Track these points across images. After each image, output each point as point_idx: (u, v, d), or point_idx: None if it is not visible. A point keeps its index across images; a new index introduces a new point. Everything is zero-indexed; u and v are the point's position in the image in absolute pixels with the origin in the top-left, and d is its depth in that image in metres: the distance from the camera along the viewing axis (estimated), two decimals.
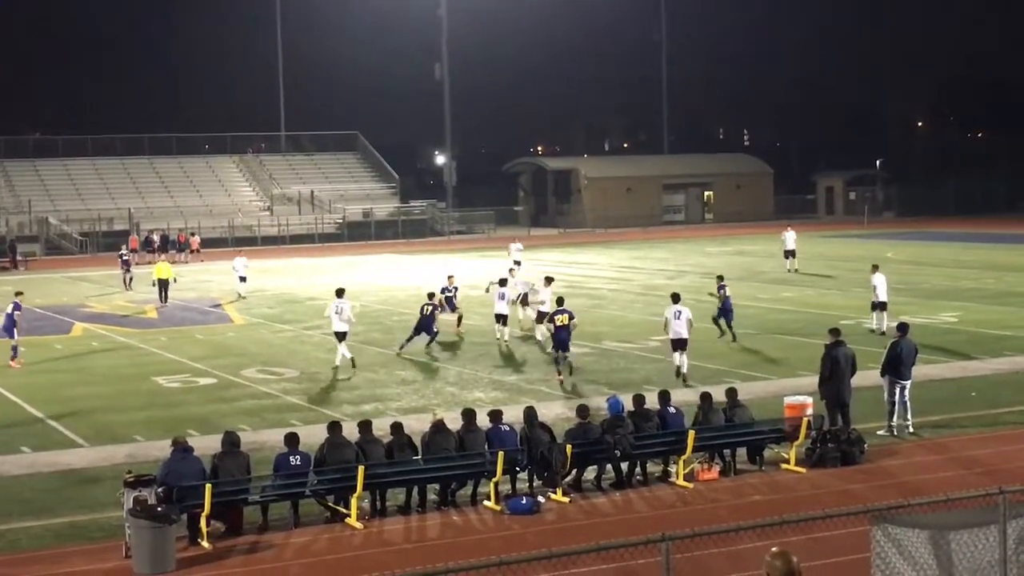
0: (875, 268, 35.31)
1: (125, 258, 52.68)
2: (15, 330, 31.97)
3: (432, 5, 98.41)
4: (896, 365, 21.67)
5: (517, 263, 48.14)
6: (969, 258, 56.25)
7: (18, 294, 33.88)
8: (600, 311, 40.37)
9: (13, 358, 31.71)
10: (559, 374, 27.79)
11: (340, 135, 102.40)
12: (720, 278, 34.53)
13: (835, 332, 21.77)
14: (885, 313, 33.55)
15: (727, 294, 33.18)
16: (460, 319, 35.60)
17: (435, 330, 32.96)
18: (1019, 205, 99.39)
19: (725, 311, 32.95)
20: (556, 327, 28.04)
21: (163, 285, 45.26)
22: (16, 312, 32.21)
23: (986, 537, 11.37)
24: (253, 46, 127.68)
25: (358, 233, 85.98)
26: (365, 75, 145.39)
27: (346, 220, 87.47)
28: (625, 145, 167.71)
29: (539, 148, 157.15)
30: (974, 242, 67.82)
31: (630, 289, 46.68)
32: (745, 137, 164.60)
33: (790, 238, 52.66)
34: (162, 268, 46.37)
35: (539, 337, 33.24)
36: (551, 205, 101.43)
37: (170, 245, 71.87)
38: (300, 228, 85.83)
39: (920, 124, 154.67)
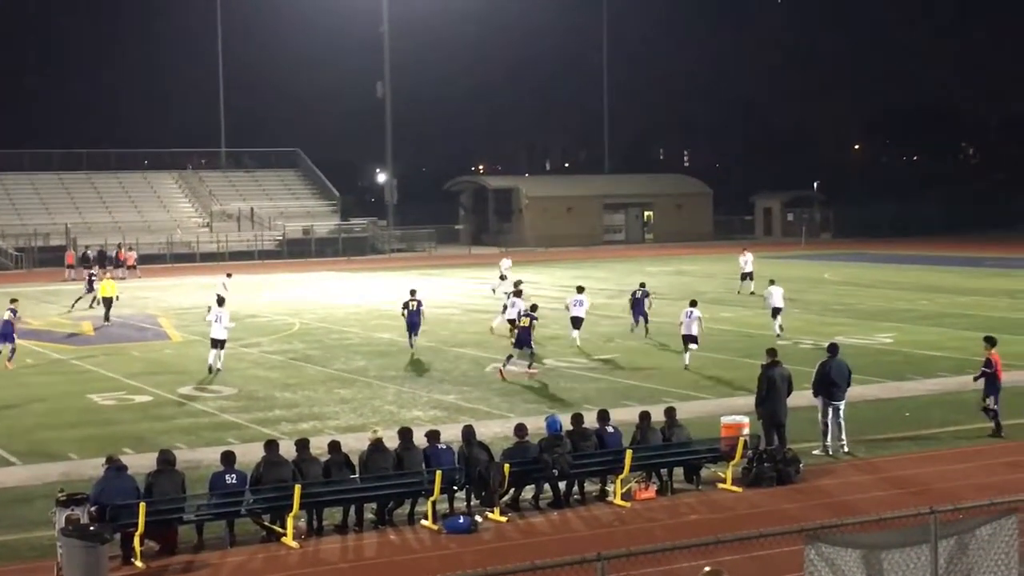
0: (772, 282, 39.64)
1: (93, 275, 52.00)
2: (14, 335, 33.78)
3: (374, 23, 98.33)
4: (826, 385, 21.88)
5: (503, 278, 49.19)
6: (903, 279, 56.88)
7: (13, 301, 35.18)
8: (540, 330, 40.26)
9: (10, 359, 33.33)
10: (529, 367, 30.81)
11: (281, 152, 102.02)
12: (642, 284, 39.85)
13: (772, 352, 21.95)
14: (779, 317, 37.94)
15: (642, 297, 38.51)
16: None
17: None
18: (952, 227, 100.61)
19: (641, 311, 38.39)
20: (520, 328, 31.09)
21: (107, 303, 44.85)
22: (13, 317, 34.01)
23: (918, 556, 11.50)
24: (194, 61, 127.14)
25: (298, 250, 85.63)
26: (306, 92, 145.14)
27: (286, 237, 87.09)
28: (566, 165, 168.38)
29: (480, 167, 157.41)
30: (908, 264, 68.62)
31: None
32: (685, 158, 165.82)
33: (747, 260, 52.10)
34: (106, 286, 45.91)
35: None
36: (492, 224, 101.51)
37: (107, 261, 71.20)
38: (240, 245, 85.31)
39: (856, 147, 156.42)
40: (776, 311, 37.83)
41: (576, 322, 36.41)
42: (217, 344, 32.06)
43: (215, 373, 31.81)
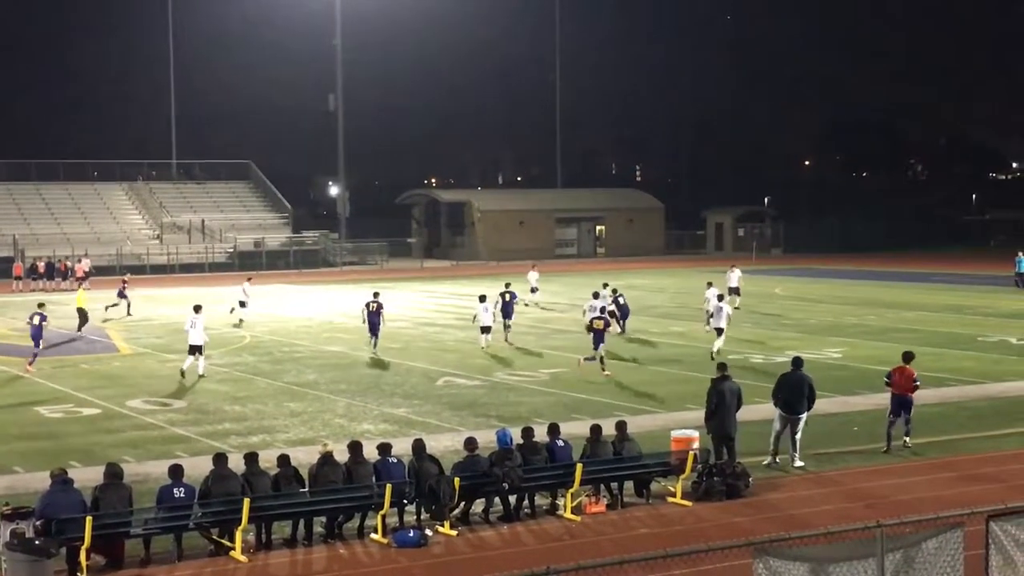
0: (709, 284, 42.93)
1: (126, 282, 52.91)
2: (40, 340, 35.28)
3: (327, 35, 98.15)
4: (781, 397, 21.96)
5: (534, 290, 53.55)
6: (852, 295, 57.32)
7: (41, 306, 37.00)
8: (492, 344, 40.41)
9: (31, 363, 34.83)
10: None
11: (232, 164, 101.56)
12: (615, 291, 43.01)
13: (722, 367, 22.05)
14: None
15: (624, 302, 42.10)
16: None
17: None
18: (900, 243, 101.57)
19: (624, 314, 41.70)
20: (596, 329, 33.57)
21: (82, 314, 44.64)
22: (43, 322, 35.52)
23: (865, 569, 11.60)
24: (144, 72, 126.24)
25: (249, 263, 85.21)
26: (258, 104, 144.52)
27: (237, 250, 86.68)
28: (519, 178, 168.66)
29: (433, 180, 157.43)
30: (857, 279, 69.17)
31: (522, 322, 46.77)
32: (637, 173, 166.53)
33: (734, 276, 51.14)
34: (81, 297, 45.58)
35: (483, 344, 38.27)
36: (444, 237, 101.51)
37: (55, 273, 70.64)
38: (190, 257, 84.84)
39: (807, 163, 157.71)
40: (719, 331, 36.16)
41: (718, 331, 36.08)
42: (195, 350, 32.89)
43: (197, 379, 32.44)
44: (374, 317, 37.46)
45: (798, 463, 21.84)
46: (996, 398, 28.97)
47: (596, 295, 39.47)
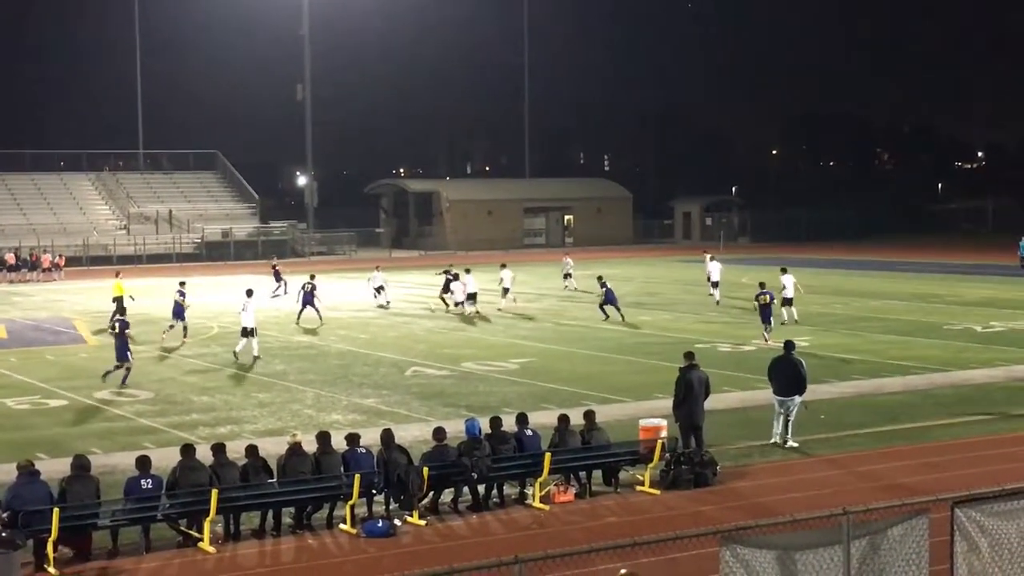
0: (600, 279, 44.53)
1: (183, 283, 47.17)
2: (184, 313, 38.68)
3: (295, 25, 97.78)
4: (774, 381, 22.61)
5: (567, 276, 55.86)
6: (819, 284, 57.54)
7: (182, 283, 40.41)
8: (460, 333, 40.47)
9: (172, 330, 38.45)
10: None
11: (199, 154, 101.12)
12: (600, 278, 44.42)
13: (689, 355, 22.10)
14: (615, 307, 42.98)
15: (609, 287, 43.21)
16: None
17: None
18: (866, 232, 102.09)
19: (610, 300, 42.86)
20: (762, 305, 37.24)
21: (119, 303, 44.25)
22: (181, 298, 38.90)
23: (831, 557, 11.66)
24: (111, 62, 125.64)
25: (217, 253, 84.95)
26: (226, 94, 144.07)
27: (205, 240, 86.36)
28: (487, 168, 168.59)
29: (401, 170, 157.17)
30: (824, 268, 69.46)
31: (490, 312, 46.84)
32: (606, 162, 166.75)
33: (716, 270, 50.70)
34: (119, 286, 45.06)
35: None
36: (412, 227, 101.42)
37: (22, 264, 70.23)
38: (157, 247, 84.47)
39: (774, 152, 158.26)
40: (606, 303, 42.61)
41: (787, 302, 41.09)
42: (247, 333, 34.31)
43: (254, 361, 33.73)
44: (308, 297, 41.82)
45: (790, 443, 22.28)
46: (961, 385, 29.18)
47: (456, 276, 45.42)
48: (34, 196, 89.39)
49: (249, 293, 35.88)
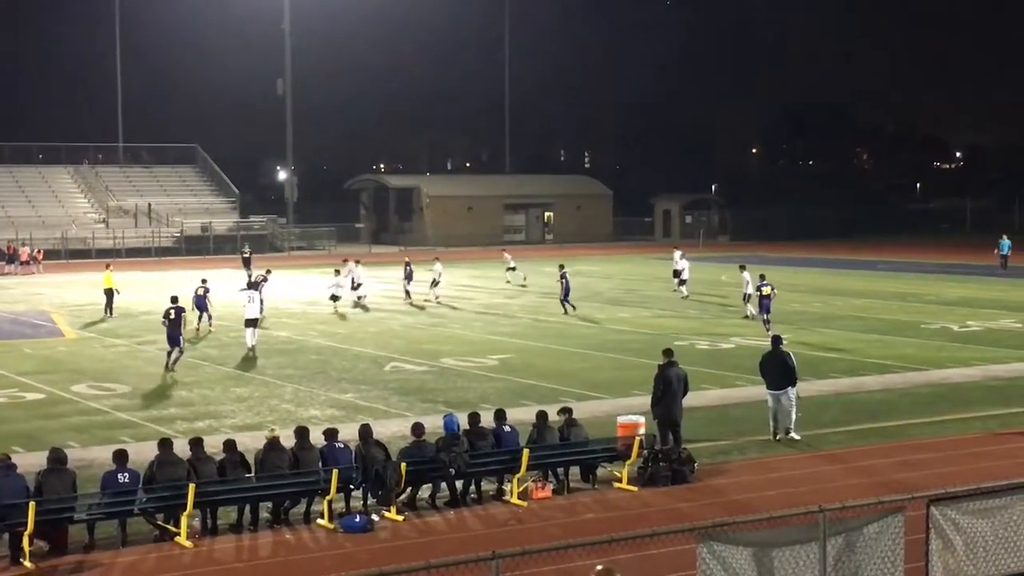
0: (561, 267, 45.87)
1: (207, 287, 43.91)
2: (208, 306, 39.69)
3: (276, 20, 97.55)
4: (766, 376, 22.94)
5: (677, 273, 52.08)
6: (798, 282, 57.69)
7: (204, 280, 41.18)
8: (440, 329, 40.46)
9: (210, 324, 39.54)
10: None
11: (179, 148, 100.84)
12: (561, 266, 45.50)
13: (668, 352, 22.13)
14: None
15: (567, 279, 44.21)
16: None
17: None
18: (846, 231, 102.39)
19: (566, 291, 43.87)
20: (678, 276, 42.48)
21: (109, 295, 44.18)
22: (207, 294, 39.79)
23: (807, 554, 11.72)
24: (91, 54, 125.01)
25: (196, 247, 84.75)
26: (206, 88, 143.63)
27: (184, 234, 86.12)
28: (467, 164, 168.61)
29: (381, 166, 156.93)
30: (804, 266, 69.64)
31: (470, 308, 46.87)
32: (586, 159, 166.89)
33: (684, 266, 51.13)
34: (108, 278, 44.83)
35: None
36: (392, 223, 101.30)
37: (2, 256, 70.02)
38: (136, 241, 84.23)
39: (754, 151, 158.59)
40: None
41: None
42: (251, 323, 34.57)
43: (254, 351, 34.15)
44: (200, 300, 40.03)
45: (792, 436, 22.63)
46: (938, 384, 29.30)
47: (337, 272, 46.41)
48: (12, 189, 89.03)
49: (255, 286, 36.93)
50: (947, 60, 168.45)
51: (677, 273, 51.89)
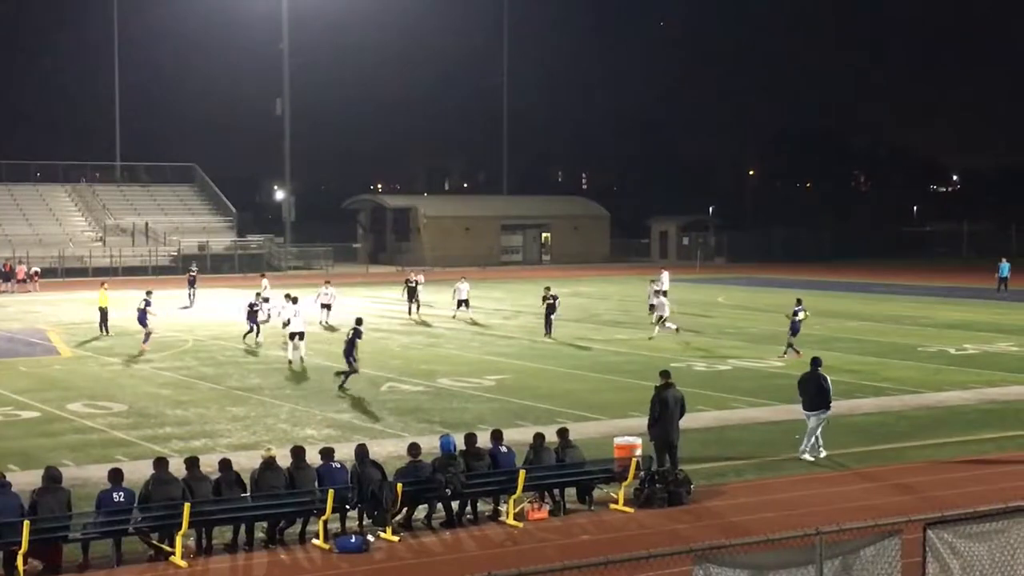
0: (462, 279, 50.26)
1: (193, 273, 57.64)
2: (147, 320, 39.81)
3: (274, 40, 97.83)
4: (802, 396, 23.40)
5: (462, 303, 50.28)
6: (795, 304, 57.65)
7: (148, 293, 41.27)
8: (436, 349, 40.44)
9: (145, 342, 39.19)
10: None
11: (177, 167, 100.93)
12: (547, 288, 45.36)
13: (665, 374, 22.11)
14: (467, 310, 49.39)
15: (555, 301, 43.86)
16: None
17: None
18: (843, 253, 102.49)
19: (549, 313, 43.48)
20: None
21: (103, 313, 44.14)
22: (148, 307, 40.01)
23: None
24: (90, 73, 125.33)
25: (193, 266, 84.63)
26: (205, 107, 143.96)
27: (181, 253, 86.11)
28: (465, 185, 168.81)
29: (379, 186, 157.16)
30: (800, 288, 69.38)
31: (467, 328, 46.85)
32: (583, 180, 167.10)
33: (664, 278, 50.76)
34: (103, 296, 44.81)
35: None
36: (390, 243, 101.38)
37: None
38: (134, 260, 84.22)
39: (751, 173, 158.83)
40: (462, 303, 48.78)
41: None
42: (296, 336, 35.80)
43: (301, 363, 35.52)
44: (142, 315, 40.27)
45: (817, 454, 23.13)
46: (935, 407, 29.29)
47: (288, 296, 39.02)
48: (9, 207, 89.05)
49: (295, 300, 37.14)
50: (944, 84, 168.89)
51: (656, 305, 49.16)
